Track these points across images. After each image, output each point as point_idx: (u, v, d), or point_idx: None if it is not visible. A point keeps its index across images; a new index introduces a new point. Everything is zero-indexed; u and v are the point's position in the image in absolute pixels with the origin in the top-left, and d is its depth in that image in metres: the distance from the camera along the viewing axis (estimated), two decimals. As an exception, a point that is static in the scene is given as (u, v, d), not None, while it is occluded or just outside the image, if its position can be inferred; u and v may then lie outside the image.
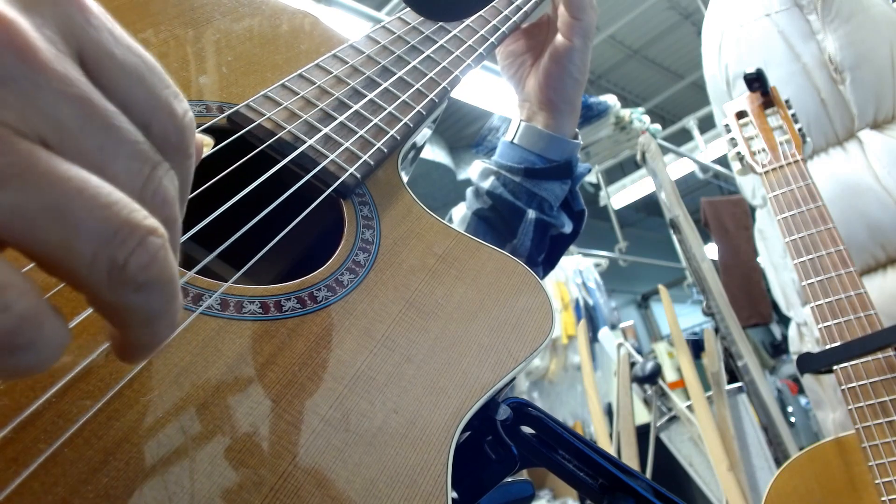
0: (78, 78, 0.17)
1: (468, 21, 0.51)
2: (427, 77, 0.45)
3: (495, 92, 2.93)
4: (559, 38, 0.57)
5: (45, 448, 0.21)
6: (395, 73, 0.44)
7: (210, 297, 0.28)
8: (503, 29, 0.53)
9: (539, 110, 0.59)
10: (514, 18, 0.55)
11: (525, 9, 0.56)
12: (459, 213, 0.60)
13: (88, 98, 0.17)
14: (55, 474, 0.20)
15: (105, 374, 0.23)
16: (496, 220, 0.57)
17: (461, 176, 4.54)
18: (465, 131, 4.74)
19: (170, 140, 0.19)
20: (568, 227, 0.60)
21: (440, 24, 0.50)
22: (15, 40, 0.15)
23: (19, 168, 0.15)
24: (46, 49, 0.16)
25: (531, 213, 0.56)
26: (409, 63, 0.45)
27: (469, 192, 0.60)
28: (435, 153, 4.32)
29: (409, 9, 0.48)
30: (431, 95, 0.44)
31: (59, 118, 0.16)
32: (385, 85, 0.43)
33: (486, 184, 0.58)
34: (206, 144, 0.34)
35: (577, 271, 3.47)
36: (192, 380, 0.25)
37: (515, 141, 0.59)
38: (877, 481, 0.85)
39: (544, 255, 0.60)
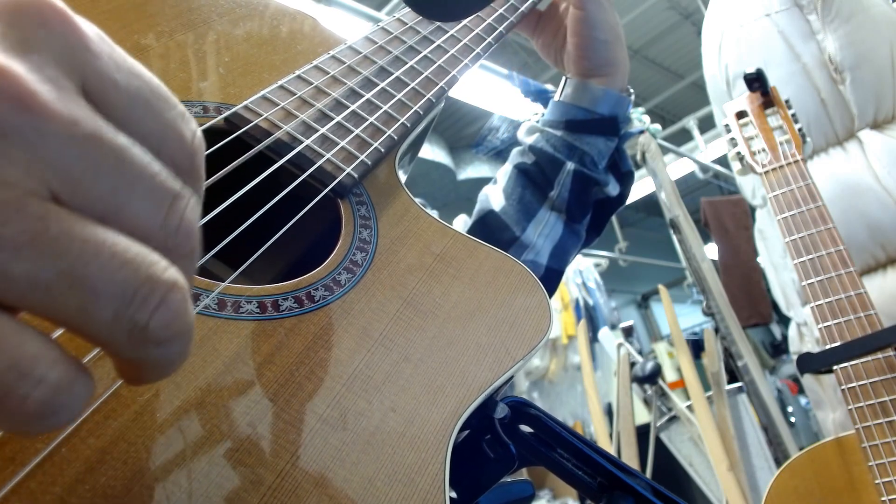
0: (84, 116, 0.16)
1: (464, 21, 0.51)
2: (423, 76, 0.45)
3: (495, 92, 2.93)
4: (572, 9, 0.57)
5: (42, 447, 0.21)
6: (392, 73, 0.44)
7: (207, 296, 0.28)
8: (500, 29, 0.53)
9: (575, 73, 0.59)
10: (511, 18, 0.55)
11: (522, 9, 0.56)
12: (503, 171, 0.59)
13: (97, 135, 0.16)
14: (52, 473, 0.20)
15: (102, 375, 0.23)
16: (536, 173, 0.57)
17: (461, 176, 4.54)
18: (465, 131, 4.74)
19: (181, 165, 0.19)
20: (614, 189, 0.59)
21: (437, 25, 0.50)
22: (12, 88, 0.15)
23: (30, 235, 0.14)
24: (47, 92, 0.15)
25: (570, 165, 0.56)
26: (407, 63, 0.46)
27: (515, 151, 0.60)
28: (435, 153, 4.32)
29: (407, 10, 0.48)
30: (429, 95, 0.44)
31: (67, 166, 0.15)
32: (382, 85, 0.43)
33: (531, 140, 0.58)
34: None
35: (577, 271, 3.47)
36: (190, 379, 0.25)
37: (561, 98, 0.59)
38: (877, 481, 0.85)
39: (589, 220, 0.59)
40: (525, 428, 0.34)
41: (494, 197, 0.58)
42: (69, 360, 0.15)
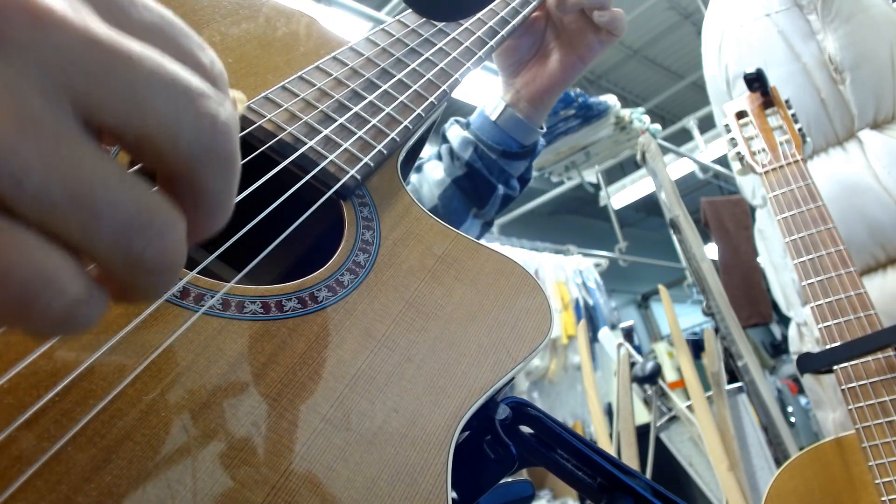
0: (97, 25, 0.16)
1: (466, 24, 0.52)
2: (425, 79, 0.46)
3: (495, 92, 2.93)
4: (588, 51, 0.62)
5: (48, 446, 0.21)
6: (394, 76, 0.44)
7: (212, 297, 0.28)
8: (502, 32, 0.53)
9: (525, 101, 0.65)
10: (514, 22, 0.55)
11: (524, 12, 0.57)
12: (436, 175, 0.65)
13: (110, 41, 0.16)
14: (59, 472, 0.21)
15: (108, 374, 0.24)
16: (470, 189, 0.65)
17: (461, 176, 4.52)
18: (465, 131, 4.73)
19: None
20: (516, 193, 0.69)
21: (438, 27, 0.50)
22: (28, 5, 0.15)
23: (43, 157, 0.15)
24: (61, 8, 0.16)
25: (500, 189, 0.65)
26: (408, 66, 0.46)
27: (445, 152, 0.66)
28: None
29: (408, 12, 0.48)
30: (431, 98, 0.44)
31: (83, 75, 0.16)
32: (384, 87, 0.43)
33: (466, 155, 0.65)
34: (240, 101, 0.33)
35: (577, 271, 3.47)
36: (195, 379, 0.25)
37: (498, 123, 0.65)
38: (877, 481, 0.85)
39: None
40: (525, 429, 0.34)
41: (427, 194, 0.65)
42: (88, 276, 0.17)
